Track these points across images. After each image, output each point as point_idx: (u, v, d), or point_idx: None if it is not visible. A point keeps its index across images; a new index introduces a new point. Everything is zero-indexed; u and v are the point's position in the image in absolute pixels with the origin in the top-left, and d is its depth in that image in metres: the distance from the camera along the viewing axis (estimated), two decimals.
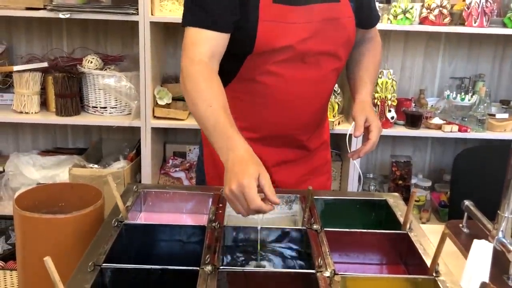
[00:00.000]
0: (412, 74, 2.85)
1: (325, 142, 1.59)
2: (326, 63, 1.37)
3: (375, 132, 1.40)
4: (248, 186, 1.01)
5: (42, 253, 1.12)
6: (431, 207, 2.75)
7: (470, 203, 1.34)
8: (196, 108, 1.19)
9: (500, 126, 2.52)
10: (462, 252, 1.26)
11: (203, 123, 1.18)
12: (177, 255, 1.14)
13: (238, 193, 1.02)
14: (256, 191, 1.02)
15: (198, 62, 1.24)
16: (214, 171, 1.50)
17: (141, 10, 2.26)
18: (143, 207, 1.31)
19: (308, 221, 1.15)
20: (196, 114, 1.20)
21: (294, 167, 1.49)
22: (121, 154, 2.62)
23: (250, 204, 1.01)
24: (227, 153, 1.09)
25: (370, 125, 1.40)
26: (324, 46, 1.34)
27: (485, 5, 2.41)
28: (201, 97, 1.19)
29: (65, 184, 1.60)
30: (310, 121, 1.45)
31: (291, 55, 1.31)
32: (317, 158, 1.55)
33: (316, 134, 1.51)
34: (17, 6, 2.30)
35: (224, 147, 1.11)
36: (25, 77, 2.41)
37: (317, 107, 1.44)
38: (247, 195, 1.01)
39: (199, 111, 1.19)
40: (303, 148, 1.49)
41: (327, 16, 1.33)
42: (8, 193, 2.55)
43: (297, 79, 1.35)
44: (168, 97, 2.46)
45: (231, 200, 1.05)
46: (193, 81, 1.22)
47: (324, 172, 1.59)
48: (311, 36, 1.31)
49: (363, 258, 1.16)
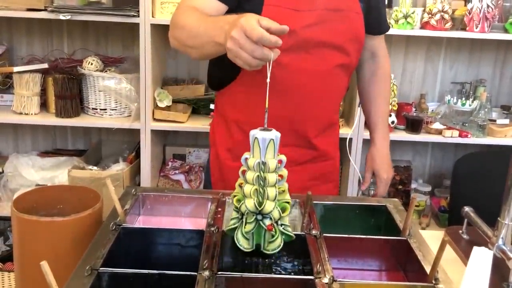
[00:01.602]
0: (413, 78, 2.85)
1: (335, 147, 1.58)
2: (331, 57, 1.38)
3: (381, 189, 1.62)
4: (246, 22, 1.00)
5: (39, 256, 1.12)
6: (431, 212, 2.74)
7: (470, 209, 1.33)
8: (187, 28, 1.24)
9: (501, 131, 2.52)
10: (462, 258, 1.25)
11: (195, 34, 1.21)
12: (175, 259, 1.13)
13: (238, 34, 1.01)
14: (256, 22, 1.00)
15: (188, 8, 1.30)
16: (219, 174, 1.51)
17: (142, 12, 2.26)
18: (141, 211, 1.31)
19: (307, 227, 1.14)
20: (188, 34, 1.24)
21: (301, 171, 1.48)
22: (121, 156, 2.62)
23: (251, 34, 0.99)
24: (223, 27, 1.10)
25: (377, 180, 1.61)
26: (328, 36, 1.35)
27: (486, 11, 2.41)
28: (191, 20, 1.25)
29: (63, 186, 1.60)
30: (317, 116, 1.44)
31: (294, 43, 1.31)
32: (326, 164, 1.54)
33: (325, 134, 1.50)
34: (18, 7, 2.29)
35: (219, 28, 1.12)
36: (25, 78, 2.41)
37: (324, 102, 1.44)
38: (246, 27, 0.99)
39: (190, 28, 1.23)
40: (312, 147, 1.47)
41: (331, 7, 1.34)
42: (7, 194, 2.54)
43: (301, 70, 1.35)
44: (168, 100, 2.46)
45: (234, 50, 1.03)
46: (182, 14, 1.29)
47: (331, 180, 1.58)
48: (315, 23, 1.33)
49: (362, 264, 1.15)
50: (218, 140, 1.51)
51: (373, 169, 1.63)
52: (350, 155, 2.34)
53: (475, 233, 1.31)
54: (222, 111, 1.51)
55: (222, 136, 1.50)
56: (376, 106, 1.64)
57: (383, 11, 1.58)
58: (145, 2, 2.25)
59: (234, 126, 1.46)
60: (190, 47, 1.28)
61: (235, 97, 1.44)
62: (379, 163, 1.62)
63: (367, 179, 1.65)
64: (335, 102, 1.50)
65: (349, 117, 2.50)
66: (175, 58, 2.73)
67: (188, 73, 2.77)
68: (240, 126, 1.44)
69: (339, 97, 1.51)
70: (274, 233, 1.04)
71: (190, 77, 2.75)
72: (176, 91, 2.56)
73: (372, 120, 1.65)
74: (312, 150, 1.48)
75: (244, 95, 1.40)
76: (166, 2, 2.31)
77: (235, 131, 1.45)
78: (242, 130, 1.42)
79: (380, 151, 1.63)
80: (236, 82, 1.40)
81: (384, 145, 1.63)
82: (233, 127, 1.46)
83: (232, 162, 1.45)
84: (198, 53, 1.28)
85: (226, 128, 1.48)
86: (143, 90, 2.36)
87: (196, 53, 1.28)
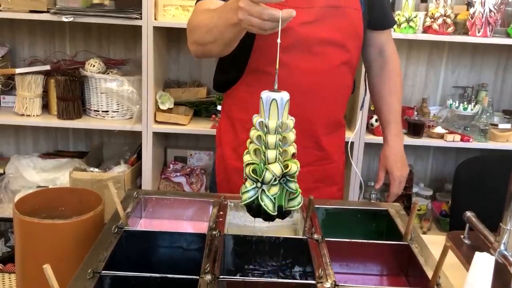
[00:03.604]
0: (415, 82, 2.85)
1: (340, 150, 1.58)
2: (334, 55, 1.38)
3: (394, 187, 1.60)
4: None
5: (41, 258, 1.12)
6: (432, 216, 2.74)
7: (472, 214, 1.33)
8: (203, 25, 1.28)
9: (503, 136, 2.52)
10: (463, 263, 1.25)
11: (212, 27, 1.23)
12: (177, 263, 1.13)
13: (244, 3, 1.05)
14: None
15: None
16: (224, 174, 1.52)
17: (145, 15, 2.27)
18: (143, 213, 1.31)
19: (309, 231, 1.14)
20: (205, 29, 1.27)
21: (306, 173, 1.47)
22: (122, 158, 2.62)
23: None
24: (232, 7, 1.12)
25: (390, 178, 1.58)
26: (329, 33, 1.36)
27: (489, 15, 2.41)
28: (203, 18, 1.29)
29: (65, 188, 1.60)
30: (324, 115, 1.44)
31: (294, 41, 1.32)
32: (331, 167, 1.53)
33: (333, 135, 1.50)
34: (20, 9, 2.30)
35: (229, 10, 1.15)
36: (27, 79, 2.41)
37: (330, 101, 1.44)
38: None
39: (205, 23, 1.26)
40: (318, 148, 1.47)
41: (330, 3, 1.35)
42: (8, 196, 2.54)
43: (304, 69, 1.36)
44: (170, 102, 2.46)
45: (245, 18, 1.06)
46: (194, 19, 1.34)
47: (335, 183, 1.57)
48: (314, 21, 1.33)
49: (363, 269, 1.15)
50: (224, 140, 1.52)
51: (385, 167, 1.60)
52: (352, 158, 2.34)
53: (476, 238, 1.31)
54: (228, 112, 1.52)
55: (227, 136, 1.51)
56: (387, 104, 1.62)
57: (386, 4, 1.58)
58: (148, 4, 2.26)
59: (239, 126, 1.47)
60: (211, 42, 1.27)
61: (240, 97, 1.46)
62: (391, 161, 1.59)
63: (379, 178, 1.61)
64: (341, 101, 1.50)
65: (351, 121, 2.50)
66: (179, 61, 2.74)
67: (190, 76, 2.78)
68: (244, 126, 1.44)
69: (344, 96, 1.51)
70: (295, 191, 1.02)
71: (192, 80, 2.75)
72: (178, 94, 2.56)
73: (383, 118, 1.63)
74: (318, 151, 1.48)
75: (248, 95, 1.41)
76: (168, 5, 2.31)
77: (240, 131, 1.46)
78: (246, 130, 1.43)
79: (393, 148, 1.60)
80: (240, 82, 1.42)
81: (396, 142, 1.60)
82: (238, 127, 1.47)
83: (237, 162, 1.46)
84: (219, 45, 1.27)
85: (232, 128, 1.50)
86: (145, 93, 2.36)
87: (218, 46, 1.27)
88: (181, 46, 2.72)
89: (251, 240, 1.12)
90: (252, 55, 1.37)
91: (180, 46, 2.72)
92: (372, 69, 1.64)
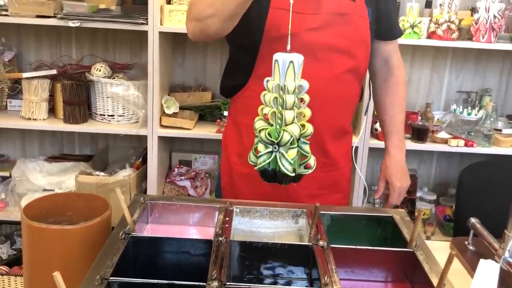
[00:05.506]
0: (419, 87, 2.85)
1: (347, 157, 1.59)
2: (339, 62, 1.38)
3: (393, 197, 1.61)
4: None
5: (49, 263, 1.14)
6: (436, 221, 2.74)
7: (476, 220, 1.34)
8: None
9: (506, 141, 2.52)
10: (468, 270, 1.26)
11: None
12: (183, 268, 1.14)
13: None
14: None
15: None
16: (228, 178, 1.53)
17: (151, 20, 2.28)
18: (149, 219, 1.32)
19: (314, 237, 1.15)
20: (205, 2, 1.26)
21: (310, 179, 1.47)
22: (127, 162, 2.63)
23: None
24: None
25: (389, 188, 1.60)
26: (335, 40, 1.36)
27: (493, 21, 2.42)
28: None
29: (72, 193, 1.62)
30: (329, 122, 1.44)
31: (299, 47, 1.31)
32: (336, 174, 1.54)
33: (340, 143, 1.51)
34: (27, 14, 2.31)
35: None
36: (34, 84, 2.43)
37: (335, 108, 1.44)
38: None
39: None
40: (324, 154, 1.46)
41: (337, 11, 1.35)
42: (14, 199, 2.56)
43: (309, 75, 1.35)
44: (175, 106, 2.47)
45: None
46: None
47: (341, 190, 1.58)
48: (320, 27, 1.34)
49: (368, 275, 1.16)
50: (229, 145, 1.53)
51: (386, 177, 1.62)
52: (356, 163, 2.35)
53: (481, 244, 1.31)
54: (234, 117, 1.53)
55: (233, 141, 1.52)
56: (389, 115, 1.62)
57: (393, 15, 1.58)
58: (154, 10, 2.27)
59: (244, 131, 1.48)
60: (211, 16, 1.25)
61: (245, 102, 1.46)
62: (392, 171, 1.60)
63: (379, 188, 1.63)
64: (347, 108, 1.50)
65: (355, 126, 2.50)
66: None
67: (195, 80, 2.79)
68: (249, 131, 1.45)
69: (351, 103, 1.50)
70: (307, 153, 1.02)
71: (197, 84, 2.76)
72: (183, 98, 2.57)
73: (386, 129, 1.64)
74: (324, 158, 1.47)
75: (254, 101, 1.40)
76: (174, 10, 2.32)
77: (245, 136, 1.47)
78: (252, 136, 1.44)
79: (394, 158, 1.61)
80: (246, 88, 1.43)
81: (397, 153, 1.61)
82: (243, 132, 1.48)
83: (242, 168, 1.47)
84: (219, 20, 1.25)
85: (237, 133, 1.51)
86: (151, 97, 2.37)
87: (218, 21, 1.25)
88: (186, 51, 2.74)
89: (257, 247, 1.13)
90: (258, 61, 1.38)
91: (186, 51, 2.73)
92: (377, 79, 1.64)
